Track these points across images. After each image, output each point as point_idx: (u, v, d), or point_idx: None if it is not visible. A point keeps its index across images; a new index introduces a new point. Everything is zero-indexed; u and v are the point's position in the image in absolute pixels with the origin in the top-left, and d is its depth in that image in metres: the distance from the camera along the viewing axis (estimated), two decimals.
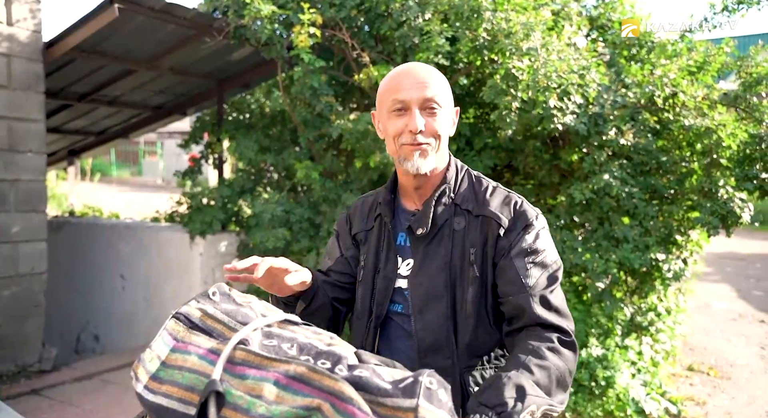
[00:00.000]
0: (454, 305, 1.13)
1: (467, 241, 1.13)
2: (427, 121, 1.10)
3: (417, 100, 1.09)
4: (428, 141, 1.11)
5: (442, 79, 1.14)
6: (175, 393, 0.79)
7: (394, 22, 3.40)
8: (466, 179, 1.21)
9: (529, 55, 2.86)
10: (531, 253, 1.11)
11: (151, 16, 3.36)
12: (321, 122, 3.71)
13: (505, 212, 1.13)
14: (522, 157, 3.78)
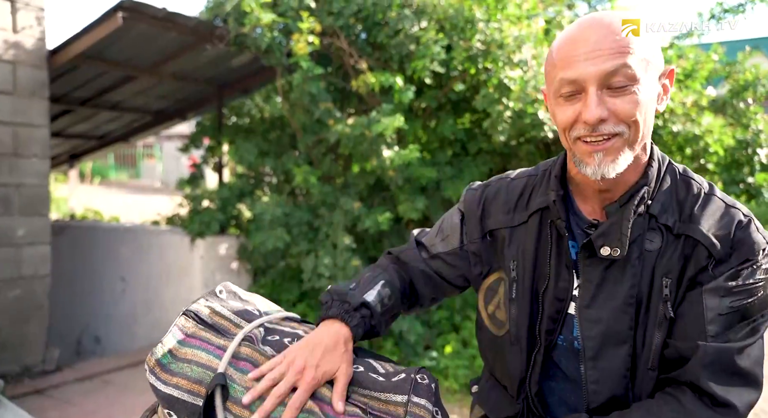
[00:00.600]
0: (638, 354, 0.84)
1: (659, 267, 0.82)
2: (613, 104, 0.78)
3: (595, 77, 0.77)
4: (618, 130, 0.79)
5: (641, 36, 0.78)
6: (185, 385, 0.86)
7: (391, 31, 3.49)
8: (668, 179, 0.87)
9: (521, 66, 2.95)
10: (735, 293, 0.78)
11: (154, 24, 3.44)
12: (319, 127, 3.79)
13: (721, 235, 0.81)
14: (516, 162, 3.86)
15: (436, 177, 3.65)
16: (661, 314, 0.82)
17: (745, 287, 0.78)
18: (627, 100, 0.77)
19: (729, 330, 0.78)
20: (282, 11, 3.49)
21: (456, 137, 3.88)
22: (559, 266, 0.90)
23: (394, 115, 3.29)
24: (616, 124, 0.78)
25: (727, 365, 0.77)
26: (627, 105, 0.77)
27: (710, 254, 0.80)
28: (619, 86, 0.77)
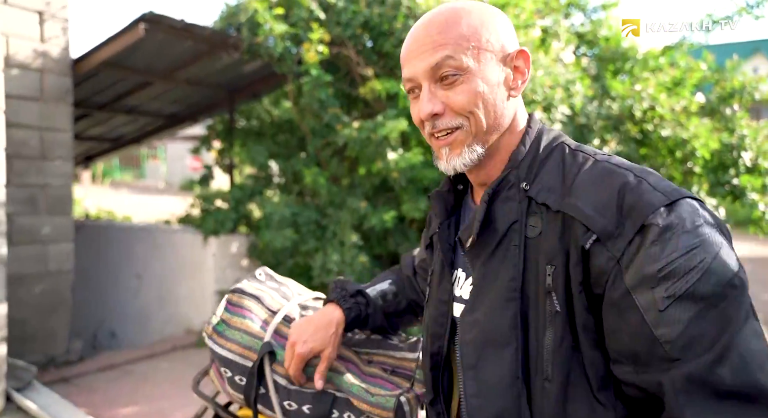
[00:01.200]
0: (527, 359, 0.70)
1: (542, 254, 0.70)
2: (446, 97, 0.75)
3: (423, 73, 0.75)
4: (455, 123, 0.75)
5: (468, 20, 0.74)
6: (236, 349, 1.07)
7: (396, 40, 3.69)
8: (554, 156, 0.76)
9: None
10: (663, 279, 0.60)
11: (172, 34, 3.65)
12: (327, 131, 3.99)
13: (600, 202, 0.66)
14: None
15: (437, 178, 3.85)
16: (548, 308, 0.68)
17: (671, 268, 0.60)
18: (459, 91, 0.74)
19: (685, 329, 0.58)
20: (293, 22, 3.70)
21: None
22: (443, 264, 0.85)
23: (398, 119, 3.49)
24: (453, 117, 0.75)
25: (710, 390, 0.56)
26: (459, 96, 0.74)
27: (587, 228, 0.65)
28: (447, 78, 0.74)
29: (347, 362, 1.07)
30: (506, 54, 0.77)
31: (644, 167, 0.70)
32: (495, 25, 0.77)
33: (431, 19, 0.77)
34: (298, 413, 1.03)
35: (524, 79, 0.79)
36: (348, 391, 1.02)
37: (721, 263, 0.60)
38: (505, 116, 0.78)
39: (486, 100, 0.75)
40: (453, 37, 0.74)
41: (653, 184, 0.66)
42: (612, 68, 4.11)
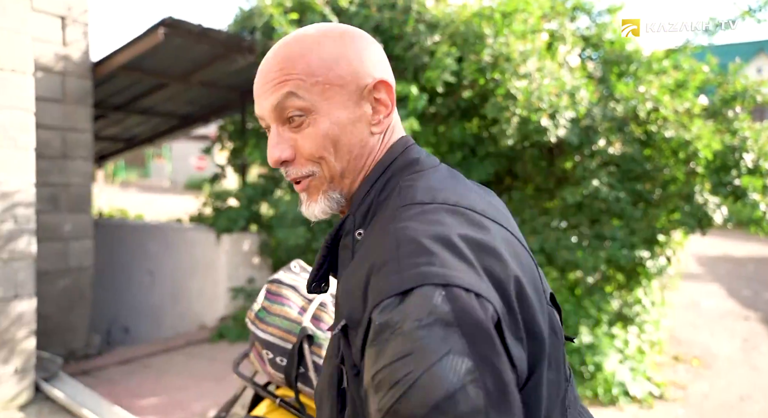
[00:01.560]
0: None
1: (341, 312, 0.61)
2: (295, 141, 0.67)
3: (270, 113, 0.67)
4: (304, 172, 0.68)
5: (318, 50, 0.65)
6: (277, 333, 1.18)
7: (406, 43, 3.80)
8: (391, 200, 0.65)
9: (526, 78, 3.25)
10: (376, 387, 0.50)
11: (190, 38, 3.77)
12: None
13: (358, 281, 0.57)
14: (521, 164, 4.17)
15: None
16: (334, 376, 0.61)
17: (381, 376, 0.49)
18: (306, 136, 0.66)
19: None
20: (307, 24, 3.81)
21: (464, 141, 4.18)
22: None
23: (409, 119, 3.60)
24: (303, 165, 0.67)
25: None
26: (306, 141, 0.66)
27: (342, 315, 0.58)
28: (294, 120, 0.66)
29: None
30: (362, 87, 0.67)
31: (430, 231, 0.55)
32: (350, 55, 0.66)
33: (277, 51, 0.67)
34: None
35: (388, 112, 0.69)
36: None
37: (433, 379, 0.46)
38: (365, 156, 0.69)
39: (338, 143, 0.66)
40: (297, 72, 0.65)
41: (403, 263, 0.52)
42: (617, 71, 4.20)
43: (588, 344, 3.61)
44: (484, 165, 4.15)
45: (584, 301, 3.80)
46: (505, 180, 4.57)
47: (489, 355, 0.48)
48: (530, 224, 3.95)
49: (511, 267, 0.56)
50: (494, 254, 0.56)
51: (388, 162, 0.69)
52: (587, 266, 3.59)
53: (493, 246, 0.56)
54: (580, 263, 3.61)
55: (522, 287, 0.56)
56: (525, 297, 0.56)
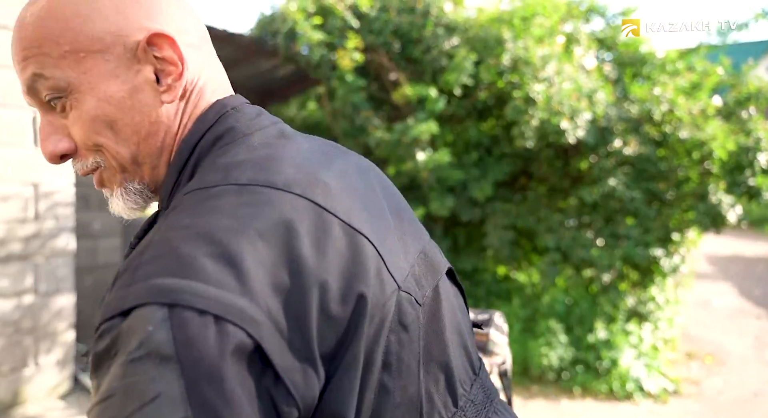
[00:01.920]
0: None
1: None
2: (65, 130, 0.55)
3: (28, 101, 0.56)
4: (94, 162, 0.56)
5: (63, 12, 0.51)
6: None
7: (425, 47, 3.90)
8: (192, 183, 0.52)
9: (545, 82, 3.34)
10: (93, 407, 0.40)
11: (215, 42, 3.87)
12: (359, 133, 4.21)
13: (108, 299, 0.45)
14: (537, 165, 4.25)
15: (463, 178, 4.05)
16: None
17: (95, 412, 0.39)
18: (73, 120, 0.53)
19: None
20: (329, 30, 3.92)
21: (481, 142, 4.27)
22: None
23: (428, 122, 3.70)
24: (84, 157, 0.55)
25: None
26: (75, 127, 0.54)
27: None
28: (53, 104, 0.54)
29: None
30: (133, 46, 0.53)
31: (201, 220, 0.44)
32: (105, 7, 0.52)
33: (16, 22, 0.53)
34: None
35: (179, 72, 0.55)
36: None
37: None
38: (161, 134, 0.55)
39: (115, 123, 0.53)
40: (37, 45, 0.51)
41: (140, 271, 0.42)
42: (630, 72, 4.28)
43: (603, 340, 3.69)
44: (500, 165, 4.24)
45: (599, 298, 3.88)
46: (520, 180, 4.65)
47: (212, 402, 0.36)
48: (545, 223, 4.04)
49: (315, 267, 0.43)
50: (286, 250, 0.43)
51: (196, 139, 0.55)
52: (602, 263, 3.67)
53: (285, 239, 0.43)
54: (595, 261, 3.70)
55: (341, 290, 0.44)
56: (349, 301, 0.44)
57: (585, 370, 3.61)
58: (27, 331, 2.98)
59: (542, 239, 3.94)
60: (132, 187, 0.57)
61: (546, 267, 3.89)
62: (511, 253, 4.17)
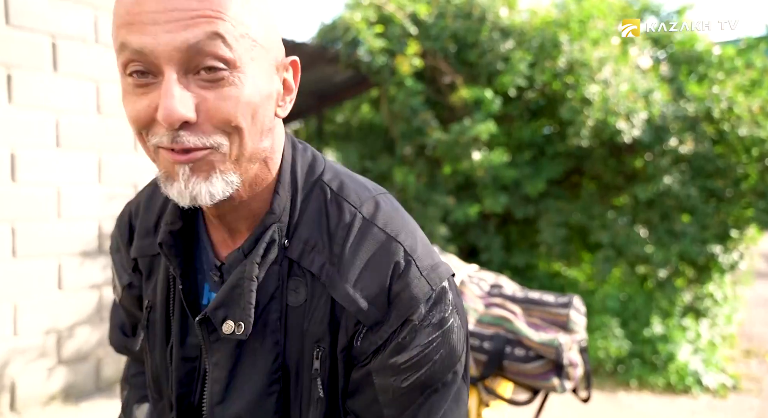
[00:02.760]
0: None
1: (309, 331, 0.63)
2: (203, 99, 0.52)
3: (171, 53, 0.50)
4: (210, 142, 0.54)
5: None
6: None
7: (481, 51, 4.05)
8: (314, 201, 0.65)
9: (604, 83, 3.45)
10: (403, 370, 0.61)
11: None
12: (416, 134, 4.40)
13: (373, 290, 0.61)
14: (590, 163, 4.33)
15: (517, 176, 4.17)
16: (314, 394, 0.63)
17: (414, 360, 0.60)
18: (224, 95, 0.52)
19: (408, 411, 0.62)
20: (389, 37, 4.13)
21: (534, 142, 4.39)
22: (183, 321, 0.69)
23: (485, 122, 3.85)
24: (209, 134, 0.53)
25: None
26: (223, 103, 0.52)
27: (358, 321, 0.61)
28: (212, 72, 0.52)
29: (515, 314, 1.46)
30: (279, 60, 0.59)
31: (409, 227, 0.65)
32: (275, 20, 0.57)
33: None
34: (480, 348, 1.43)
35: (291, 97, 0.63)
36: (518, 333, 1.41)
37: (451, 352, 0.63)
38: (270, 140, 0.61)
39: (256, 115, 0.55)
40: (230, 12, 0.51)
41: (420, 267, 0.62)
42: (686, 70, 4.29)
43: (659, 334, 3.75)
44: (553, 164, 4.34)
45: (655, 294, 3.94)
46: (572, 177, 4.73)
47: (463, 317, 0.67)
48: (599, 220, 4.12)
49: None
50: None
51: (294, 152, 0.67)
52: (658, 260, 3.73)
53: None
54: (650, 257, 3.76)
55: None
56: None
57: (641, 363, 3.69)
58: None
59: (595, 236, 4.03)
60: (230, 179, 0.56)
61: (600, 263, 3.98)
62: (563, 249, 4.27)
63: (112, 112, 3.22)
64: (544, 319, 1.47)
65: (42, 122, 2.95)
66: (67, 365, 3.14)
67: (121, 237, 0.77)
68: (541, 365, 1.39)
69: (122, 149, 3.28)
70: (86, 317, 3.19)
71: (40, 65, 2.92)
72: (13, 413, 2.96)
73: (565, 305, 1.47)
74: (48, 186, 2.99)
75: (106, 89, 3.20)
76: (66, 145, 3.05)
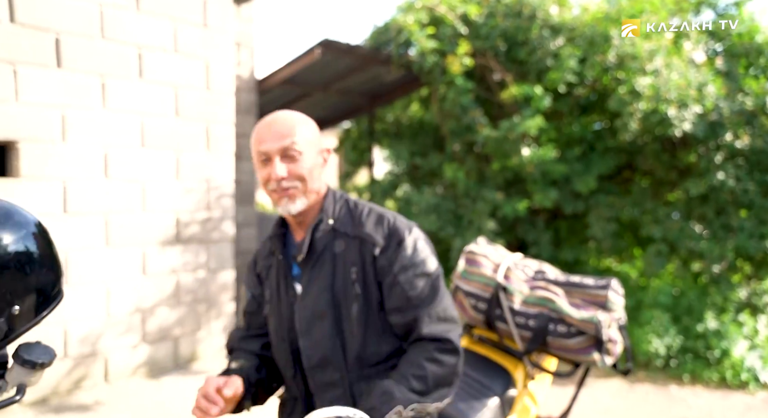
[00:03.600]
0: (340, 322, 1.20)
1: (348, 261, 1.21)
2: (289, 167, 1.18)
3: (277, 150, 1.18)
4: (293, 185, 1.19)
5: (303, 126, 1.22)
6: (478, 287, 1.64)
7: (530, 48, 4.13)
8: (344, 207, 1.29)
9: (654, 74, 3.47)
10: (411, 266, 1.20)
11: (338, 54, 4.39)
12: (466, 132, 4.53)
13: (379, 232, 1.22)
14: (642, 158, 4.32)
15: (565, 172, 4.23)
16: (354, 292, 1.20)
17: (416, 259, 1.21)
18: (297, 166, 1.19)
19: (421, 290, 1.19)
20: (440, 38, 4.28)
21: (584, 137, 4.42)
22: (286, 281, 1.27)
23: (534, 118, 3.94)
24: (292, 181, 1.19)
25: (432, 317, 1.19)
26: (297, 168, 1.18)
27: (375, 245, 1.21)
28: (291, 157, 1.18)
29: (557, 295, 1.60)
30: (321, 148, 1.26)
31: (390, 210, 1.30)
32: (316, 131, 1.26)
33: (282, 117, 1.23)
34: (525, 325, 1.58)
35: (325, 164, 1.28)
36: (560, 311, 1.55)
37: (430, 259, 1.24)
38: (318, 184, 1.26)
39: (312, 173, 1.21)
40: (297, 132, 1.20)
41: (400, 220, 1.26)
42: (744, 63, 4.21)
43: (713, 330, 3.73)
44: (604, 159, 4.36)
45: (709, 289, 3.90)
46: (623, 173, 4.73)
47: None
48: (651, 215, 4.12)
49: None
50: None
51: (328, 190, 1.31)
52: (713, 255, 3.71)
53: None
54: (704, 252, 3.74)
55: None
56: None
57: (694, 358, 3.68)
58: (201, 300, 3.65)
59: (647, 231, 4.03)
60: (303, 201, 1.22)
61: (652, 258, 3.98)
62: (614, 244, 4.29)
63: (188, 115, 3.54)
64: (584, 299, 1.60)
65: (129, 124, 3.30)
66: (150, 343, 3.49)
67: (249, 269, 1.40)
68: (582, 340, 1.52)
69: (197, 148, 3.60)
70: (165, 299, 3.54)
71: (128, 73, 3.27)
72: (107, 383, 3.34)
73: (604, 287, 1.59)
74: (135, 182, 3.34)
75: (184, 94, 3.52)
76: (149, 145, 3.39)
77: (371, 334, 1.20)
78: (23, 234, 0.88)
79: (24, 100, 2.89)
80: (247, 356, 1.30)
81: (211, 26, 3.65)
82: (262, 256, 1.36)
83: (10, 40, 2.81)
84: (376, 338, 1.20)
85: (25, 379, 0.91)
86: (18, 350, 0.91)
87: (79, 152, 3.10)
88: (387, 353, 1.21)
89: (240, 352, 1.32)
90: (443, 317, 1.20)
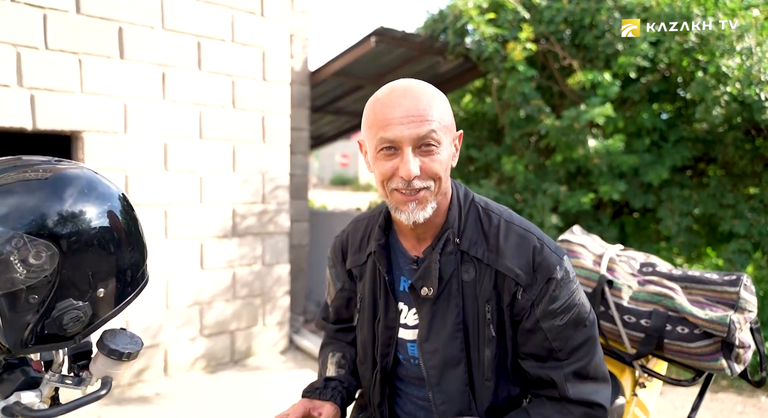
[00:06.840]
0: (471, 368, 1.01)
1: (481, 295, 1.00)
2: (423, 163, 0.92)
3: (410, 140, 0.90)
4: (426, 185, 0.94)
5: (441, 103, 0.95)
6: (581, 281, 1.46)
7: (599, 32, 3.87)
8: (472, 215, 1.04)
9: (742, 55, 3.16)
10: (559, 313, 0.97)
11: (393, 43, 4.26)
12: (526, 122, 4.31)
13: (522, 263, 0.98)
14: (721, 148, 3.99)
15: (635, 164, 3.94)
16: (488, 334, 1.00)
17: (565, 305, 0.98)
18: (434, 160, 0.92)
19: (568, 342, 0.98)
20: (500, 23, 4.08)
21: (655, 126, 4.12)
22: (387, 299, 1.07)
23: (602, 106, 3.68)
24: (426, 180, 0.93)
25: (580, 376, 0.98)
26: (434, 164, 0.93)
27: (517, 283, 0.97)
28: (428, 148, 0.92)
29: (675, 291, 1.40)
30: (454, 135, 1.00)
31: (533, 226, 1.04)
32: (450, 110, 0.99)
33: (414, 90, 0.93)
34: (636, 325, 1.39)
35: (457, 155, 1.03)
36: (681, 310, 1.35)
37: (584, 300, 1.02)
38: (448, 182, 1.02)
39: (446, 168, 0.96)
40: (435, 114, 0.92)
41: (549, 246, 1.00)
42: None
43: None
44: (677, 149, 4.05)
45: None
46: (698, 165, 4.39)
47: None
48: (732, 209, 3.79)
49: None
50: None
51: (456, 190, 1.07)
52: None
53: None
54: None
55: None
56: None
57: None
58: (256, 294, 3.60)
59: (727, 226, 3.70)
60: (433, 205, 0.98)
61: (733, 255, 3.66)
62: (688, 240, 3.97)
63: (244, 105, 3.49)
64: (708, 297, 1.39)
65: (188, 115, 3.27)
66: (207, 336, 3.46)
67: (335, 258, 1.22)
68: (708, 343, 1.32)
69: (253, 140, 3.55)
70: (222, 292, 3.50)
71: (187, 64, 3.24)
72: (167, 376, 3.33)
73: (734, 283, 1.38)
74: (192, 173, 3.31)
75: (240, 84, 3.47)
76: (207, 136, 3.36)
77: (503, 382, 1.03)
78: (107, 208, 0.78)
79: (88, 91, 2.89)
80: (345, 347, 1.22)
81: (268, 15, 3.58)
82: (353, 248, 1.16)
83: (76, 30, 2.81)
84: (506, 383, 1.03)
85: (110, 371, 0.81)
86: (102, 338, 0.81)
87: (140, 143, 3.09)
88: (516, 396, 1.04)
89: (336, 344, 1.25)
90: (593, 376, 0.99)
